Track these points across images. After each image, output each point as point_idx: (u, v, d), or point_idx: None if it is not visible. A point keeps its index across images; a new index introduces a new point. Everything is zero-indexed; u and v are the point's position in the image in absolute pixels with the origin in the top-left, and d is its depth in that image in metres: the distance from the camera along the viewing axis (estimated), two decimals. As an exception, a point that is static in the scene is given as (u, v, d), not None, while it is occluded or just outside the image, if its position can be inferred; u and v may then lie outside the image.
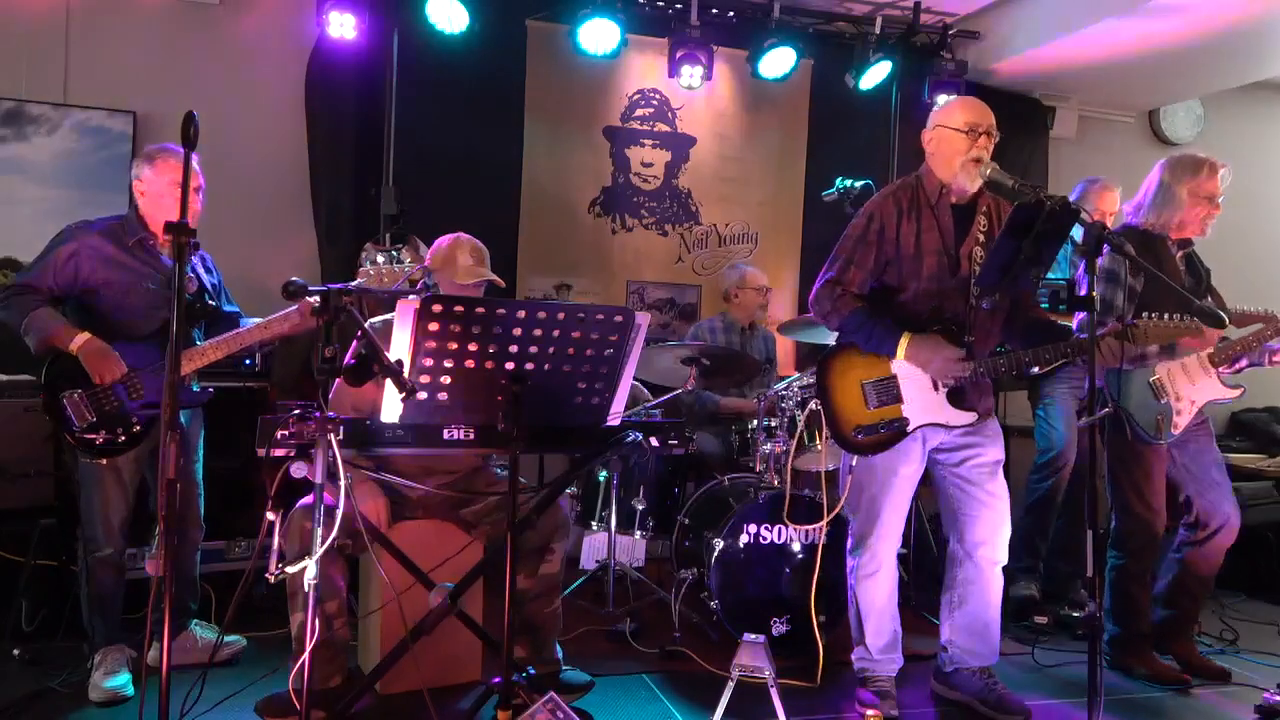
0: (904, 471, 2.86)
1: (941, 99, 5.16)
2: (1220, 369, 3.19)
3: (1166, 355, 3.15)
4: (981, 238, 2.83)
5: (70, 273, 2.84)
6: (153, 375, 2.84)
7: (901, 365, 2.80)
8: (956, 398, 2.81)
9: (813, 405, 3.32)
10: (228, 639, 3.15)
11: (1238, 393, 3.21)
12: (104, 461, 2.82)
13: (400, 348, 2.16)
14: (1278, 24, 4.48)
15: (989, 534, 2.86)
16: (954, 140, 2.78)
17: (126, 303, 2.88)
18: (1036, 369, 3.92)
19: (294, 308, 2.88)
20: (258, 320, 2.95)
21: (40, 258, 2.86)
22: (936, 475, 2.96)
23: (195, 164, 2.94)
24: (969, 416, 2.82)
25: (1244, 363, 3.22)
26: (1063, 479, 3.98)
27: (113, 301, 2.88)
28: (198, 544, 3.13)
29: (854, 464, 2.91)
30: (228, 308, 3.15)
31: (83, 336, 2.76)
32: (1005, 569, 2.92)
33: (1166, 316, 2.71)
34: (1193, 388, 3.19)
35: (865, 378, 2.84)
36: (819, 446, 3.37)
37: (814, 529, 3.31)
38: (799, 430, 3.44)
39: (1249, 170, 3.32)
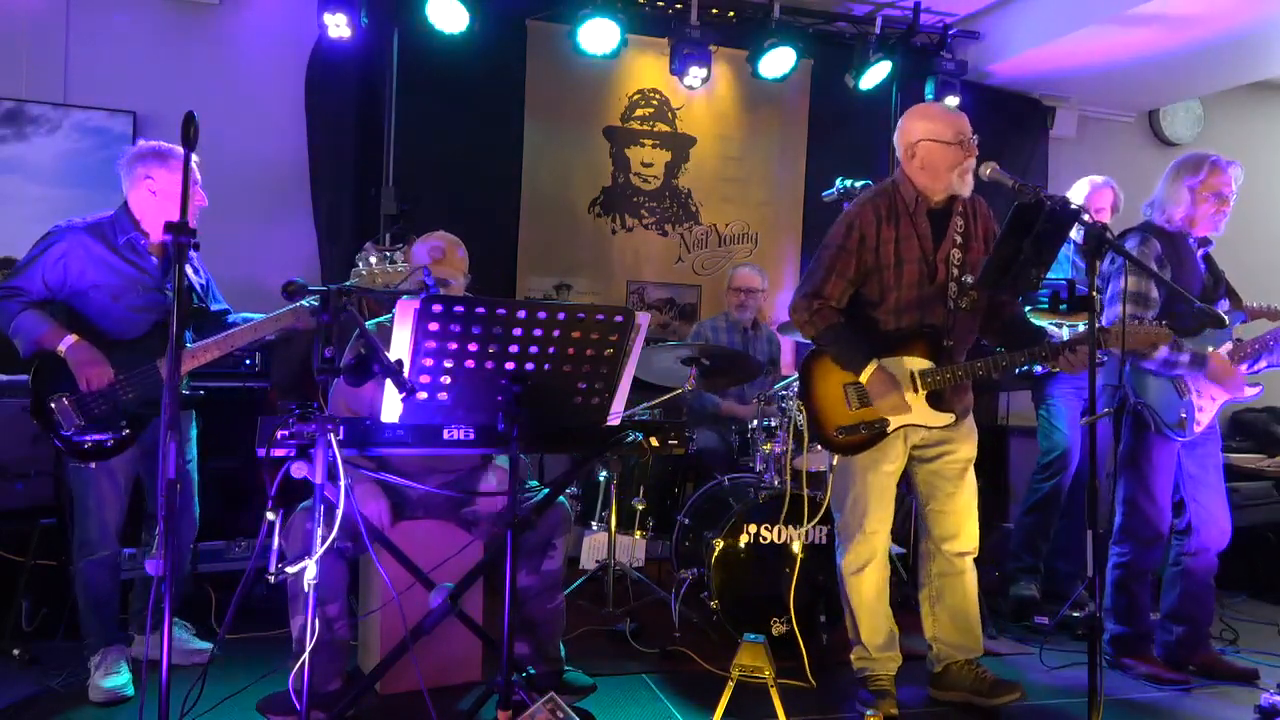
0: (886, 468, 2.89)
1: (951, 100, 5.15)
2: (1239, 367, 3.20)
3: (1197, 366, 3.14)
4: (959, 239, 2.85)
5: (60, 275, 2.80)
6: (140, 379, 2.80)
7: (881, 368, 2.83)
8: (935, 399, 2.84)
9: (797, 409, 3.34)
10: (200, 644, 3.12)
11: (1257, 391, 3.23)
12: (94, 465, 2.80)
13: (400, 347, 2.16)
14: (1277, 24, 4.49)
15: (956, 528, 2.93)
16: (947, 153, 2.79)
17: (115, 306, 2.84)
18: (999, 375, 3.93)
19: (286, 309, 2.85)
20: (247, 321, 2.92)
21: (28, 259, 2.81)
22: (910, 472, 3.00)
23: (199, 184, 2.95)
24: (947, 418, 2.86)
25: (1264, 362, 3.23)
26: (1065, 479, 3.98)
27: (100, 305, 2.83)
28: (190, 540, 3.14)
29: (835, 462, 2.95)
30: (215, 305, 3.11)
31: (71, 338, 2.73)
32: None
33: (1141, 322, 2.74)
34: (1214, 386, 3.19)
35: (846, 379, 2.87)
36: (816, 446, 3.37)
37: (811, 529, 3.33)
38: (800, 430, 3.43)
39: (1249, 170, 3.35)
